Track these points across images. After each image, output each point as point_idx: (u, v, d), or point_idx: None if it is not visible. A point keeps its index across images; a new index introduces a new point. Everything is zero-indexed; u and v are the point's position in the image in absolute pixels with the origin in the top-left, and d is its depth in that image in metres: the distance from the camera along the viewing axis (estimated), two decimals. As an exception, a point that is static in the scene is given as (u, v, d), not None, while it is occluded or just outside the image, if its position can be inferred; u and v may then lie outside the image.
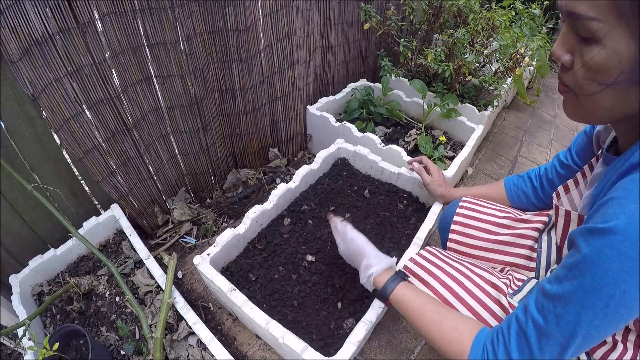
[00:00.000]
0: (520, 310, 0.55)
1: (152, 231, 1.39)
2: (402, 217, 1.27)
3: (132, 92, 1.12)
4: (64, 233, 1.13)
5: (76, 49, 0.92)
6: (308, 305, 1.03)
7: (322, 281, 1.08)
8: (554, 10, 3.20)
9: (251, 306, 0.92)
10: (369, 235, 1.17)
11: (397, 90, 1.88)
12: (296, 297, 1.05)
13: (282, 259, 1.14)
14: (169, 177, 1.38)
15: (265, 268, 1.12)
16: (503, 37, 1.63)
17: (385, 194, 1.33)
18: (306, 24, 1.44)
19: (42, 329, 1.06)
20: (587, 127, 0.83)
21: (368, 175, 1.43)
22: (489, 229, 0.89)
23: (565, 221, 0.67)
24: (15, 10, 0.79)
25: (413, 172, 1.30)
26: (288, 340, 0.85)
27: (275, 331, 0.87)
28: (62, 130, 0.97)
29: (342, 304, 1.04)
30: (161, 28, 1.08)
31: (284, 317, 1.00)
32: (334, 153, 1.43)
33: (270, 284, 1.08)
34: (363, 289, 1.05)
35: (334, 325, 1.00)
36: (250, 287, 1.07)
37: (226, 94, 1.39)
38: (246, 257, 1.14)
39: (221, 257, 1.08)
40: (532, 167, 2.01)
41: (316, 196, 1.32)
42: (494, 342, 0.56)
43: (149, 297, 1.10)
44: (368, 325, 0.89)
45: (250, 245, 1.18)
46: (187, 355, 0.98)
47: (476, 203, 0.96)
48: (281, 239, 1.19)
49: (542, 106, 2.67)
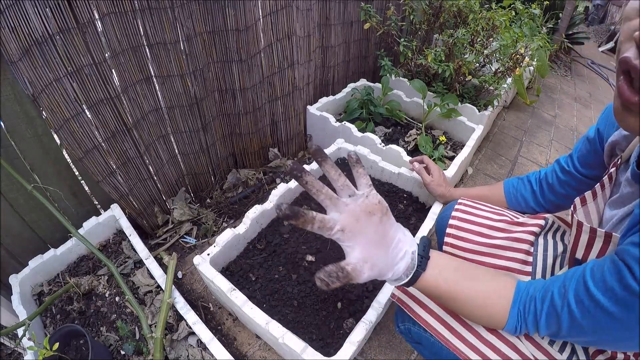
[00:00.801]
0: (557, 292, 0.54)
1: (152, 231, 1.39)
2: (402, 217, 1.27)
3: (132, 92, 1.12)
4: (64, 233, 1.13)
5: (76, 49, 0.92)
6: (308, 305, 1.03)
7: None
8: (554, 10, 3.20)
9: (251, 306, 0.92)
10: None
11: (397, 90, 1.88)
12: (296, 297, 1.05)
13: (282, 259, 1.14)
14: (169, 177, 1.38)
15: (265, 268, 1.12)
16: (503, 37, 1.63)
17: (385, 194, 1.33)
18: (306, 24, 1.44)
19: (42, 329, 1.06)
20: (589, 134, 0.80)
21: None
22: (484, 233, 0.87)
23: (591, 237, 0.61)
24: (15, 10, 0.79)
25: (413, 172, 1.30)
26: (288, 340, 0.85)
27: (275, 331, 0.87)
28: (62, 130, 0.97)
29: (342, 303, 1.04)
30: (161, 28, 1.08)
31: (284, 317, 1.00)
32: (334, 153, 1.43)
33: (270, 284, 1.08)
34: (363, 289, 1.05)
35: (334, 325, 1.00)
36: (250, 287, 1.07)
37: (226, 94, 1.39)
38: (246, 257, 1.15)
39: (221, 257, 1.08)
40: (532, 167, 2.01)
41: None
42: (526, 308, 0.57)
43: (149, 297, 1.10)
44: (368, 325, 0.89)
45: (250, 245, 1.18)
46: (187, 355, 0.98)
47: (472, 205, 0.94)
48: (281, 239, 1.19)
49: (542, 106, 2.67)
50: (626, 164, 0.64)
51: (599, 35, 5.05)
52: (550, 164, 1.05)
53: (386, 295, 0.94)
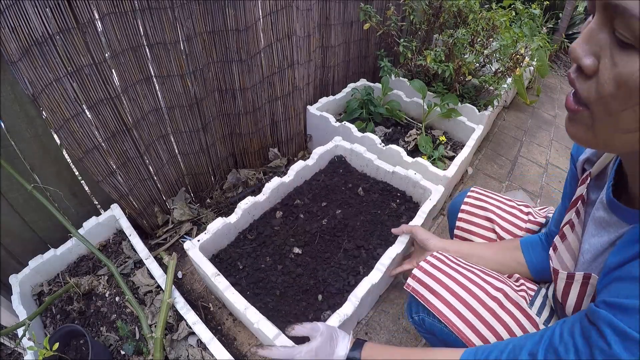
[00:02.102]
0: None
1: (152, 231, 1.39)
2: (394, 216, 1.28)
3: (132, 92, 1.12)
4: (64, 233, 1.13)
5: (76, 49, 0.92)
6: (290, 295, 1.06)
7: (306, 273, 1.11)
8: (554, 10, 3.20)
9: (233, 291, 0.96)
10: (359, 233, 1.21)
11: (397, 90, 1.88)
12: (279, 286, 1.07)
13: (271, 249, 1.17)
14: (169, 177, 1.38)
15: (253, 257, 1.15)
16: (503, 37, 1.63)
17: (379, 192, 1.35)
18: (306, 24, 1.44)
19: (42, 329, 1.06)
20: (569, 172, 0.73)
21: (364, 174, 1.44)
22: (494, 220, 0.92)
23: (567, 283, 0.61)
24: (15, 10, 0.79)
25: (408, 171, 1.31)
26: (262, 325, 0.89)
27: (252, 316, 0.91)
28: (62, 130, 0.97)
29: (323, 296, 1.06)
30: (161, 28, 1.08)
31: (265, 305, 1.03)
32: (330, 150, 1.45)
33: (256, 273, 1.11)
34: (344, 283, 1.08)
35: (312, 317, 1.02)
36: (237, 274, 1.10)
37: (226, 94, 1.39)
38: (236, 246, 1.18)
39: (211, 244, 1.11)
40: (532, 167, 2.01)
41: (310, 191, 1.35)
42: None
43: (149, 297, 1.10)
44: (342, 318, 0.90)
45: (241, 235, 1.21)
46: (187, 355, 0.98)
47: (484, 194, 0.98)
48: (272, 230, 1.22)
49: (542, 106, 2.67)
50: (596, 181, 0.62)
51: (599, 35, 5.04)
52: (550, 163, 1.06)
53: (364, 289, 0.96)
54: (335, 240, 1.19)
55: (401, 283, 1.32)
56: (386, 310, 1.24)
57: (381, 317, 1.22)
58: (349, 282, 1.08)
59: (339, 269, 1.11)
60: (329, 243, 1.18)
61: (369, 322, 1.20)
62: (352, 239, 1.19)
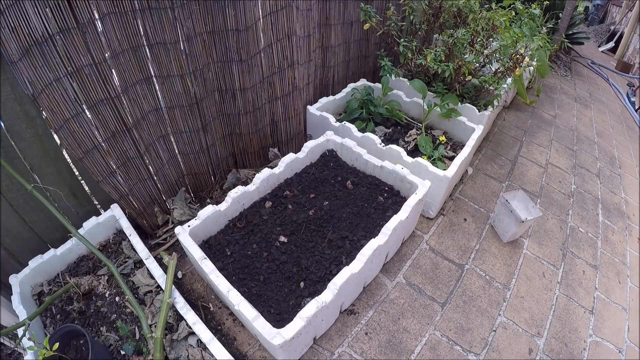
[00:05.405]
0: None
1: (152, 231, 1.39)
2: (380, 209, 1.31)
3: (132, 92, 1.12)
4: (64, 233, 1.13)
5: (76, 49, 0.92)
6: (273, 281, 1.10)
7: (290, 261, 1.14)
8: (554, 10, 3.20)
9: (217, 274, 1.00)
10: (344, 224, 1.23)
11: (397, 90, 1.88)
12: (263, 273, 1.11)
13: (258, 237, 1.20)
14: (169, 177, 1.38)
15: (240, 244, 1.19)
16: (503, 37, 1.63)
17: (367, 186, 1.37)
18: (306, 24, 1.44)
19: (42, 329, 1.06)
20: None
21: (354, 168, 1.47)
22: None
23: None
24: (15, 10, 0.79)
25: (395, 166, 1.33)
26: (242, 307, 0.92)
27: (234, 299, 0.94)
28: (62, 130, 0.97)
29: (305, 283, 1.09)
30: (161, 28, 1.08)
31: (248, 290, 1.07)
32: (322, 144, 1.47)
33: (243, 259, 1.14)
34: (326, 272, 1.11)
35: (293, 303, 1.05)
36: (224, 260, 1.14)
37: (226, 94, 1.39)
38: (225, 234, 1.22)
39: (202, 230, 1.16)
40: (532, 167, 2.01)
41: (300, 183, 1.38)
42: None
43: (149, 297, 1.10)
44: (321, 305, 0.93)
45: (231, 223, 1.24)
46: (187, 355, 0.98)
47: None
48: (260, 219, 1.25)
49: (542, 106, 2.67)
50: None
51: (599, 36, 5.05)
52: (550, 163, 1.05)
53: (343, 278, 0.99)
54: (320, 230, 1.22)
55: (400, 282, 1.32)
56: (386, 310, 1.24)
57: (381, 317, 1.22)
58: (331, 270, 1.11)
59: (322, 258, 1.15)
60: (314, 233, 1.21)
61: (369, 322, 1.20)
62: (337, 230, 1.22)
